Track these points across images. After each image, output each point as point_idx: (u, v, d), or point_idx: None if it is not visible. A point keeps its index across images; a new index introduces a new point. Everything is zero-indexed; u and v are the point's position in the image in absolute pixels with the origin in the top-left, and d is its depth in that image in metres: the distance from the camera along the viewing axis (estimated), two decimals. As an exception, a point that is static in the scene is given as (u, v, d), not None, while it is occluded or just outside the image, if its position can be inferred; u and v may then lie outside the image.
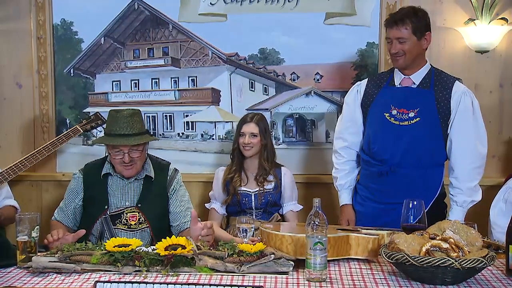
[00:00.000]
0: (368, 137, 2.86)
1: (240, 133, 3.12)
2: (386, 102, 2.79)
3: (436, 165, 2.79)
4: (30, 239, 2.18)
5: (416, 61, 2.76)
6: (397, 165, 2.75)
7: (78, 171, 2.83)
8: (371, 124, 2.85)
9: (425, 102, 2.74)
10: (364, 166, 2.93)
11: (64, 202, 2.80)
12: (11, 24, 3.70)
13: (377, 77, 2.94)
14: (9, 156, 3.59)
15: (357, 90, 2.93)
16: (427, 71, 2.79)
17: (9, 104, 3.74)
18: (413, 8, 2.76)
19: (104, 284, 1.82)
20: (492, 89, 3.51)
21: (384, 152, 2.78)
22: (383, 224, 2.58)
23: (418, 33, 2.70)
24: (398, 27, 2.70)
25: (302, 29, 3.56)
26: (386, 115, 2.77)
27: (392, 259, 1.96)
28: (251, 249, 2.10)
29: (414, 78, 2.79)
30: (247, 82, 3.66)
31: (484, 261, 1.88)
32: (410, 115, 2.74)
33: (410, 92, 2.78)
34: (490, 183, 3.43)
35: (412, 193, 2.64)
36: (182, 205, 2.80)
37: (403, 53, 2.72)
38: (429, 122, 2.73)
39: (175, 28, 3.66)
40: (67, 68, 3.74)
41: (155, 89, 3.73)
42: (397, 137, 2.75)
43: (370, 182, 2.87)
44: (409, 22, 2.68)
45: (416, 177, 2.74)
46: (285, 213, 3.18)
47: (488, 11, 3.38)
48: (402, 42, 2.70)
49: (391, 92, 2.81)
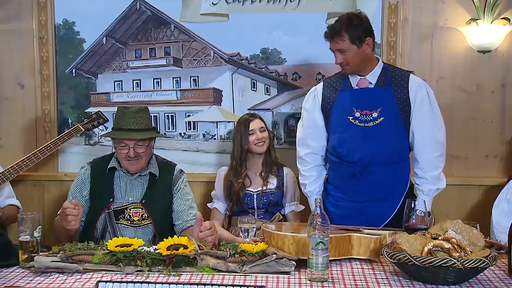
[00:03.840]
0: (333, 141, 2.85)
1: (249, 133, 3.12)
2: (347, 105, 2.79)
3: (403, 160, 2.82)
4: (32, 238, 2.18)
5: (365, 64, 2.77)
6: (368, 165, 2.76)
7: (86, 164, 2.88)
8: (335, 129, 2.84)
9: (385, 101, 2.75)
10: (333, 167, 2.92)
11: (71, 196, 2.81)
12: (13, 24, 3.70)
13: (331, 80, 2.92)
14: (11, 155, 3.60)
15: (314, 95, 2.92)
16: (381, 69, 2.80)
17: (11, 104, 3.75)
18: (348, 17, 2.74)
19: (106, 284, 1.82)
20: (494, 89, 3.51)
21: (353, 154, 2.78)
22: (358, 223, 2.59)
23: (356, 41, 2.70)
24: (335, 40, 2.72)
25: (303, 29, 3.56)
26: (350, 118, 2.77)
27: (394, 259, 1.95)
28: (253, 249, 2.10)
29: (370, 78, 2.79)
30: (249, 82, 3.66)
31: (487, 261, 1.88)
32: (374, 116, 2.74)
33: (370, 93, 2.79)
34: (492, 183, 3.44)
35: (385, 190, 2.77)
36: (186, 204, 2.81)
37: (346, 63, 2.74)
38: (393, 119, 2.75)
39: (177, 28, 3.66)
40: (69, 68, 3.74)
41: (157, 89, 3.73)
42: (364, 139, 2.75)
43: (342, 183, 2.87)
44: (344, 34, 2.69)
45: (387, 174, 2.77)
46: (286, 213, 3.18)
47: (490, 11, 3.38)
48: (343, 53, 2.72)
49: (350, 94, 2.81)
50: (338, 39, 2.71)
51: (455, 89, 3.51)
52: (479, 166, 3.54)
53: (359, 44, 2.70)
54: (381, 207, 2.77)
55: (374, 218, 2.72)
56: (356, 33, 2.69)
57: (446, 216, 3.25)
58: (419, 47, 3.52)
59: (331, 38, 2.73)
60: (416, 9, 3.51)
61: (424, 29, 3.51)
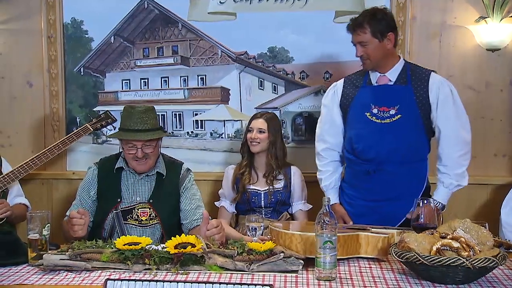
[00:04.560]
0: (350, 137, 2.84)
1: (249, 129, 3.14)
2: (366, 102, 2.78)
3: (420, 159, 2.79)
4: (41, 237, 2.19)
5: (386, 60, 2.76)
6: (383, 163, 2.75)
7: (93, 164, 2.87)
8: (352, 125, 2.84)
9: (404, 99, 2.74)
10: (349, 164, 2.92)
11: (78, 197, 2.82)
12: (21, 23, 3.72)
13: (353, 77, 2.92)
14: (20, 154, 3.62)
15: (334, 91, 2.92)
16: (401, 67, 2.79)
17: (20, 103, 3.77)
18: (372, 11, 2.74)
19: (115, 282, 1.82)
20: (503, 87, 3.49)
21: (368, 151, 2.77)
22: (372, 222, 2.58)
23: (379, 35, 2.69)
24: (357, 32, 2.71)
25: (311, 28, 3.55)
26: (367, 115, 2.77)
27: (403, 258, 1.95)
28: (260, 247, 2.10)
29: (389, 76, 2.78)
30: (256, 81, 3.66)
31: (496, 260, 1.87)
32: (391, 113, 2.73)
33: (389, 90, 2.77)
34: (501, 182, 3.42)
35: (399, 190, 2.72)
36: (193, 203, 2.81)
37: (367, 57, 2.73)
38: (410, 117, 2.73)
39: (184, 26, 3.67)
40: (77, 67, 3.76)
41: (165, 88, 3.74)
42: (380, 135, 2.74)
43: (356, 181, 2.86)
44: (367, 26, 2.68)
45: (402, 173, 2.74)
46: (294, 212, 3.18)
47: (499, 9, 3.36)
48: (364, 46, 2.71)
49: (369, 91, 2.80)
50: (360, 31, 2.70)
51: (463, 87, 3.48)
52: (487, 165, 3.52)
53: (380, 38, 2.69)
54: (395, 206, 2.72)
55: (388, 218, 2.67)
56: (379, 27, 2.68)
57: (455, 215, 3.23)
58: (427, 46, 3.50)
59: (353, 30, 2.73)
60: (424, 7, 3.49)
61: (433, 28, 3.50)
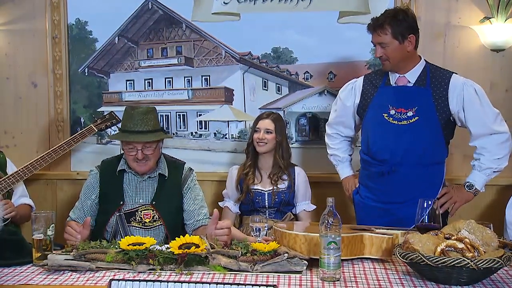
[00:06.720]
0: (367, 138, 2.84)
1: (255, 129, 3.15)
2: (384, 103, 2.78)
3: (436, 163, 2.78)
4: (45, 237, 2.20)
5: (406, 62, 2.75)
6: (398, 164, 2.74)
7: (94, 168, 2.85)
8: (369, 125, 2.84)
9: (422, 101, 2.72)
10: (364, 166, 2.91)
11: (80, 200, 2.81)
12: (26, 24, 3.73)
13: (372, 76, 2.91)
14: (24, 155, 3.63)
15: (352, 87, 2.93)
16: (422, 68, 2.77)
17: (25, 104, 3.78)
18: (394, 11, 2.73)
19: (119, 282, 1.83)
20: (508, 88, 3.48)
21: (384, 152, 2.76)
22: (385, 223, 2.57)
23: (399, 37, 2.67)
24: (377, 33, 2.69)
25: (315, 28, 3.55)
26: (384, 116, 2.76)
27: (407, 259, 1.94)
28: (264, 248, 2.10)
29: (409, 77, 2.77)
30: (260, 81, 3.66)
31: (500, 261, 1.86)
32: (409, 114, 2.72)
33: (407, 91, 2.76)
34: (506, 183, 3.41)
35: (414, 192, 2.67)
36: (196, 203, 2.80)
37: (386, 58, 2.72)
38: (428, 120, 2.71)
39: (188, 27, 3.67)
40: (82, 68, 3.77)
41: (169, 88, 3.75)
42: (396, 137, 2.73)
43: (370, 182, 2.86)
44: (388, 27, 2.66)
45: (417, 176, 2.73)
46: (298, 213, 3.18)
47: (504, 9, 3.35)
48: (384, 47, 2.70)
49: (388, 92, 2.79)
50: (380, 32, 2.68)
51: (468, 88, 3.47)
52: (492, 166, 3.50)
53: (401, 40, 2.67)
54: (409, 209, 2.64)
55: (401, 220, 2.64)
56: (400, 29, 2.66)
57: (459, 216, 3.20)
58: (432, 46, 3.49)
59: (374, 30, 2.71)
60: (428, 8, 3.48)
61: (437, 28, 3.49)
